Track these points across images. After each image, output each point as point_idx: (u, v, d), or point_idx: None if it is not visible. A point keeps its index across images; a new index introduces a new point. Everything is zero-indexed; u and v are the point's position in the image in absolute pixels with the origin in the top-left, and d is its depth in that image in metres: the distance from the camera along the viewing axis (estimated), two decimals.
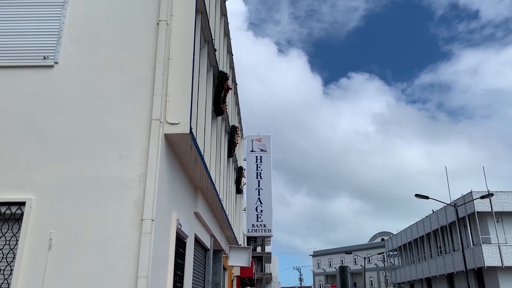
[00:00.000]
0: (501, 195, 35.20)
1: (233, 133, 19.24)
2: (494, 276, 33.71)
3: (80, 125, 7.46)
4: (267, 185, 53.03)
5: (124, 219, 6.85)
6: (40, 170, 7.14)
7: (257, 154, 53.64)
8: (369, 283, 79.02)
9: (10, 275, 6.55)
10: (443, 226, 41.25)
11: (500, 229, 34.63)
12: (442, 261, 41.36)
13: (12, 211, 6.90)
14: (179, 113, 7.65)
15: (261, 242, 59.97)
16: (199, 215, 11.29)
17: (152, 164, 7.15)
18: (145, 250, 6.62)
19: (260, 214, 51.86)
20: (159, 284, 7.39)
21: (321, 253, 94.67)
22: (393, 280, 58.51)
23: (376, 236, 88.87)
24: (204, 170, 9.74)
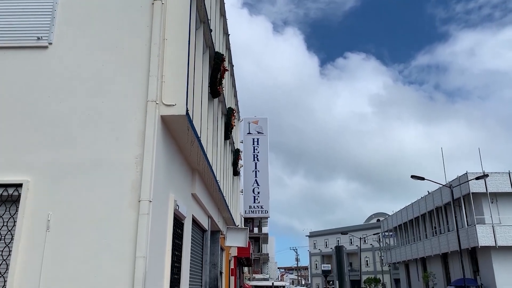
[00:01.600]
0: (496, 176, 35.48)
1: (230, 115, 19.19)
2: (488, 255, 34.25)
3: (76, 106, 7.42)
4: (264, 167, 53.22)
5: (122, 201, 6.87)
6: (37, 152, 7.12)
7: (254, 136, 53.66)
8: (365, 263, 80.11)
9: (9, 256, 6.60)
10: (438, 207, 41.67)
11: (494, 210, 35.02)
12: (437, 241, 41.92)
13: (9, 193, 6.90)
14: (175, 95, 7.60)
15: (258, 223, 60.54)
16: (197, 197, 11.35)
17: (148, 145, 7.14)
18: (142, 231, 6.67)
19: (257, 196, 52.20)
20: (157, 264, 7.47)
21: (317, 234, 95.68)
22: (388, 260, 59.36)
23: (372, 217, 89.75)
24: (201, 152, 9.74)
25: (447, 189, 36.07)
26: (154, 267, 7.14)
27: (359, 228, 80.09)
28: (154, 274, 7.13)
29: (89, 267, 6.55)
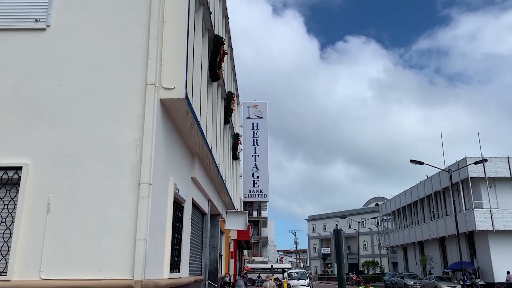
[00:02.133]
0: (495, 161, 35.53)
1: (230, 99, 19.11)
2: (485, 239, 34.54)
3: (75, 89, 7.38)
4: (263, 151, 53.28)
5: (122, 184, 6.90)
6: (36, 135, 7.11)
7: (254, 120, 53.58)
8: (363, 246, 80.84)
9: (10, 238, 6.65)
10: (436, 192, 41.84)
11: (492, 194, 35.18)
12: (435, 225, 42.21)
13: (9, 176, 6.92)
14: (174, 78, 7.56)
15: (257, 207, 60.92)
16: (196, 180, 11.39)
17: (148, 129, 7.13)
18: (143, 214, 6.71)
19: (257, 180, 52.40)
20: (158, 246, 7.53)
21: (316, 218, 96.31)
22: (386, 243, 59.87)
23: (370, 201, 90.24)
24: (201, 136, 9.74)
25: (446, 174, 36.21)
26: (154, 249, 7.20)
27: (357, 212, 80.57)
28: (154, 256, 7.20)
29: (90, 250, 6.60)
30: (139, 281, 6.37)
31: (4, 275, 6.48)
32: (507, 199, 35.40)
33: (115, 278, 6.45)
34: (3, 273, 6.50)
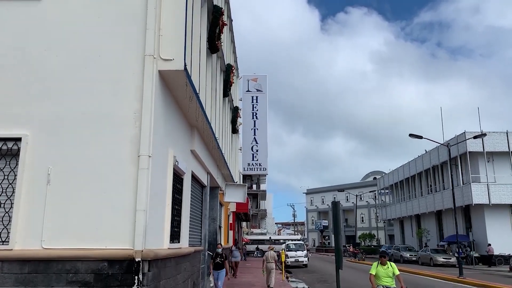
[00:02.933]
0: (494, 136, 35.63)
1: (229, 71, 18.93)
2: (481, 213, 35.02)
3: (73, 60, 7.30)
4: (262, 125, 53.24)
5: (121, 155, 6.91)
6: (35, 107, 7.08)
7: (253, 94, 53.30)
8: (360, 219, 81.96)
9: (11, 208, 6.71)
10: (434, 166, 42.12)
11: (490, 169, 35.45)
12: (432, 199, 42.69)
13: (8, 147, 6.93)
14: (173, 49, 7.46)
15: (256, 181, 61.38)
16: (196, 153, 11.41)
17: (147, 100, 7.09)
18: (142, 185, 6.75)
19: (256, 154, 52.57)
20: (158, 217, 7.62)
21: (315, 191, 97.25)
22: (383, 216, 60.71)
23: (368, 175, 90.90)
24: (200, 108, 9.69)
25: (445, 148, 36.34)
26: (154, 220, 7.28)
27: (355, 186, 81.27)
28: (154, 227, 7.29)
29: (91, 220, 6.68)
30: (139, 251, 6.48)
31: (6, 244, 6.58)
32: (504, 174, 35.69)
33: (116, 248, 6.55)
34: (5, 242, 6.60)
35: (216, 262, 11.92)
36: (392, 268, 9.11)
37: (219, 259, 12.04)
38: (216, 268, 11.96)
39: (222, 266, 12.06)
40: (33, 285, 6.38)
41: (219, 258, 12.06)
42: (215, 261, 11.94)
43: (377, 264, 9.26)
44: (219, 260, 11.97)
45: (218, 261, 11.96)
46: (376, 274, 9.12)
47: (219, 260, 11.97)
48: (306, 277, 23.95)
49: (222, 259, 12.03)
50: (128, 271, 6.48)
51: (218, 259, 12.04)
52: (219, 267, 11.95)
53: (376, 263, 9.31)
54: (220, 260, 11.99)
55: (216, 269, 11.91)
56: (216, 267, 11.97)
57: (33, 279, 6.40)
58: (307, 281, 21.41)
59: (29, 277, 6.41)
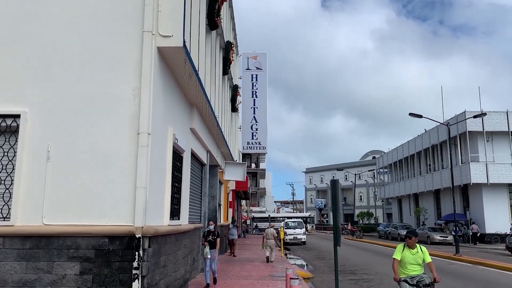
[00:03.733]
0: (494, 115, 35.54)
1: (228, 49, 18.73)
2: (479, 192, 35.24)
3: (71, 36, 7.20)
4: (262, 103, 53.02)
5: (121, 133, 6.90)
6: (33, 84, 7.03)
7: (253, 72, 52.88)
8: (359, 198, 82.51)
9: (11, 185, 6.74)
10: (434, 145, 42.14)
11: (489, 148, 35.49)
12: (430, 178, 42.88)
13: (7, 124, 6.91)
14: (172, 25, 7.36)
15: (256, 159, 61.56)
16: (195, 131, 11.40)
17: (146, 78, 7.04)
18: (142, 163, 6.76)
19: (255, 132, 52.53)
20: (158, 194, 7.66)
21: (314, 170, 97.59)
22: (381, 195, 61.11)
23: (367, 154, 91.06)
24: (199, 86, 9.63)
25: (444, 127, 36.31)
26: (154, 197, 7.33)
27: (354, 165, 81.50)
28: (154, 204, 7.34)
29: (91, 197, 6.72)
30: (140, 227, 6.54)
31: (7, 220, 6.63)
32: (503, 153, 35.77)
33: (117, 224, 6.61)
34: (6, 219, 6.65)
35: (208, 241, 10.72)
36: (422, 253, 6.95)
37: (211, 237, 10.79)
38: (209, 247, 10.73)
39: (214, 245, 10.80)
40: (34, 260, 6.46)
41: (211, 236, 10.81)
42: (207, 239, 10.75)
43: (403, 247, 7.02)
44: (211, 238, 10.75)
45: (210, 239, 10.74)
46: (401, 260, 6.93)
47: (211, 238, 10.75)
48: (304, 254, 24.29)
49: (214, 237, 10.78)
50: (128, 247, 6.56)
51: (210, 237, 10.79)
52: (211, 246, 10.73)
53: (402, 246, 7.06)
54: (212, 238, 10.76)
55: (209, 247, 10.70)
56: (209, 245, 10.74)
57: (34, 255, 6.48)
58: (305, 258, 21.72)
59: (30, 253, 6.48)
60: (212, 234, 10.83)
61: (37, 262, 6.46)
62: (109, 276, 6.50)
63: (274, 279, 12.32)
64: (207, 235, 10.87)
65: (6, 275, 6.41)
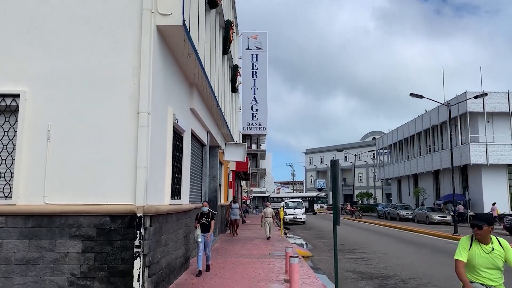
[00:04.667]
0: (495, 96, 35.40)
1: (228, 28, 18.53)
2: (478, 172, 35.38)
3: (69, 14, 7.11)
4: (262, 84, 52.72)
5: (121, 112, 6.89)
6: (32, 63, 6.97)
7: (253, 52, 52.41)
8: (358, 178, 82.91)
9: (12, 164, 6.76)
10: (434, 126, 42.09)
11: (489, 129, 35.47)
12: (430, 158, 42.98)
13: (7, 103, 6.88)
14: (171, 3, 7.26)
15: (256, 140, 61.57)
16: (195, 111, 11.37)
17: (145, 57, 6.98)
18: (142, 142, 6.77)
19: (256, 113, 52.39)
20: (158, 174, 7.69)
21: (313, 151, 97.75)
22: (381, 176, 61.37)
23: (367, 135, 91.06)
24: (199, 65, 9.56)
25: (445, 108, 36.19)
26: (155, 177, 7.36)
27: (354, 146, 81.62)
28: (155, 183, 7.37)
29: (92, 176, 6.75)
30: (141, 206, 6.59)
31: (9, 199, 6.67)
32: (503, 134, 35.77)
33: (118, 203, 6.66)
34: (8, 198, 6.70)
35: (201, 223, 9.80)
36: (504, 250, 4.51)
37: (204, 219, 9.85)
38: (201, 229, 9.77)
39: (208, 228, 9.88)
40: (37, 238, 6.54)
41: (205, 218, 9.87)
42: (201, 222, 9.81)
43: (470, 241, 4.75)
44: (205, 221, 9.84)
45: (204, 221, 9.83)
46: (469, 262, 4.58)
47: (205, 221, 9.84)
48: (304, 233, 24.54)
49: (208, 220, 9.88)
50: (130, 226, 6.62)
51: (204, 219, 9.85)
52: (205, 229, 9.82)
53: (467, 239, 4.78)
54: (206, 220, 9.85)
55: (202, 231, 9.77)
56: (201, 228, 9.78)
57: (37, 233, 6.55)
58: (305, 237, 21.96)
59: (33, 231, 6.55)
60: (206, 216, 9.91)
61: (39, 241, 6.54)
62: (111, 254, 6.59)
63: (274, 257, 12.48)
64: (200, 217, 9.92)
65: (9, 253, 6.49)
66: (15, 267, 6.46)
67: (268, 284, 8.59)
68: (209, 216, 9.93)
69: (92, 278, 6.53)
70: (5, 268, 6.45)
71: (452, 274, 9.59)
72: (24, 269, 6.47)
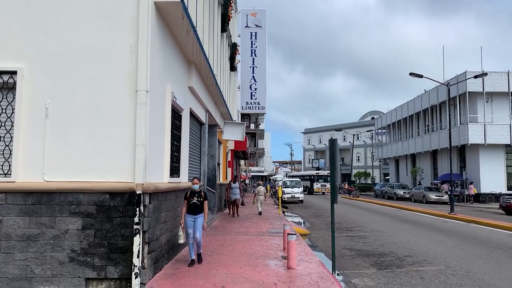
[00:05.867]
0: (495, 75, 35.25)
1: (227, 5, 18.28)
2: (476, 152, 35.53)
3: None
4: (261, 62, 52.29)
5: (119, 90, 6.85)
6: (29, 40, 6.89)
7: (252, 30, 51.80)
8: (356, 158, 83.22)
9: (11, 142, 6.76)
10: (433, 106, 42.02)
11: (488, 109, 35.44)
12: (428, 138, 43.06)
13: (4, 80, 6.83)
14: None
15: (255, 120, 61.49)
16: (194, 90, 11.31)
17: (143, 34, 6.90)
18: (141, 120, 6.75)
19: (254, 92, 52.13)
20: (157, 152, 7.70)
21: (312, 131, 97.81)
22: (379, 155, 61.58)
23: (366, 115, 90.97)
24: (197, 43, 9.46)
25: (444, 88, 36.06)
26: (154, 155, 7.37)
27: (353, 126, 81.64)
28: (154, 161, 7.39)
29: (91, 154, 6.76)
30: (140, 184, 6.62)
31: (8, 176, 6.70)
32: (502, 114, 35.78)
33: (117, 181, 6.69)
34: (8, 175, 6.72)
35: (191, 204, 8.15)
36: None
37: (196, 199, 8.19)
38: (191, 211, 8.14)
39: (199, 210, 8.21)
40: (37, 215, 6.59)
41: (196, 198, 8.21)
42: (190, 202, 8.16)
43: None
44: (196, 201, 8.17)
45: (195, 201, 8.17)
46: None
47: (196, 201, 8.17)
48: (302, 212, 24.78)
49: (200, 199, 8.23)
50: (129, 203, 6.67)
51: (195, 199, 8.19)
52: (196, 211, 8.15)
53: None
54: (197, 200, 8.19)
55: (191, 213, 8.12)
56: (190, 210, 8.14)
57: (37, 210, 6.60)
58: (303, 216, 22.18)
59: (33, 208, 6.60)
60: (197, 195, 8.27)
61: (39, 218, 6.59)
62: (110, 231, 6.66)
63: (272, 235, 12.63)
64: (190, 196, 8.24)
65: (10, 229, 6.55)
66: (16, 243, 6.54)
67: (266, 261, 8.72)
68: (201, 195, 8.31)
69: (92, 254, 6.62)
70: (6, 244, 6.53)
71: (447, 251, 9.73)
72: (24, 245, 6.54)
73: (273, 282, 6.96)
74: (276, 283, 6.94)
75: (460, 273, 8.43)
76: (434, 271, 8.61)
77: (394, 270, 8.75)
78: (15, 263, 6.51)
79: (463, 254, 10.56)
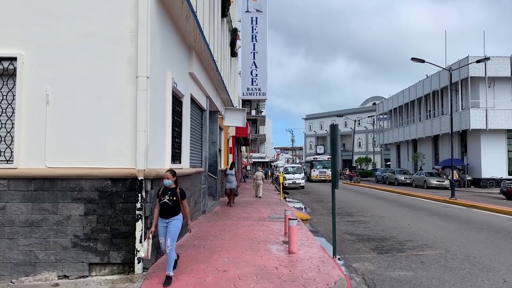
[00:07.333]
0: (497, 60, 34.97)
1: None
2: (477, 138, 35.47)
3: None
4: (262, 48, 51.95)
5: (119, 76, 6.83)
6: (29, 26, 6.85)
7: (253, 15, 51.31)
8: (357, 144, 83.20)
9: (12, 128, 6.77)
10: (435, 91, 41.80)
11: (490, 94, 35.26)
12: (430, 124, 42.96)
13: (4, 66, 6.81)
14: None
15: (256, 106, 61.35)
16: (194, 76, 11.26)
17: (143, 19, 6.85)
18: (142, 106, 6.75)
19: (255, 78, 51.90)
20: (159, 138, 7.71)
21: (313, 117, 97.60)
22: (380, 141, 61.54)
23: (368, 101, 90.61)
24: (197, 28, 9.39)
25: (446, 73, 35.84)
26: (155, 141, 7.38)
27: (354, 112, 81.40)
28: (155, 147, 7.40)
29: (92, 140, 6.77)
30: (142, 170, 6.64)
31: (10, 163, 6.73)
32: (504, 99, 35.62)
33: (119, 167, 6.72)
34: (10, 161, 6.75)
35: (161, 204, 6.18)
36: None
37: (167, 197, 6.16)
38: (162, 214, 6.18)
39: (173, 212, 6.17)
40: (40, 201, 6.63)
41: (168, 196, 6.17)
42: (161, 201, 6.18)
43: None
44: (168, 200, 6.14)
45: (166, 201, 6.14)
46: None
47: (168, 200, 6.14)
48: (303, 197, 24.88)
49: (172, 198, 6.18)
50: (131, 189, 6.71)
51: (166, 198, 6.17)
52: (167, 213, 6.15)
53: None
54: (169, 200, 6.15)
55: (163, 216, 6.17)
56: (162, 212, 6.18)
57: (39, 196, 6.64)
58: (304, 201, 22.28)
59: (35, 194, 6.64)
60: (170, 193, 6.22)
61: (42, 203, 6.64)
62: (113, 217, 6.71)
63: (273, 220, 12.70)
64: (161, 195, 6.24)
65: (13, 215, 6.60)
66: (19, 229, 6.60)
67: (267, 246, 8.79)
68: (175, 194, 6.24)
69: (95, 240, 6.68)
70: (9, 230, 6.59)
71: (448, 236, 9.79)
72: (28, 231, 6.60)
73: (275, 266, 7.03)
74: (277, 267, 7.00)
75: (460, 257, 8.50)
76: (434, 255, 8.67)
77: (394, 255, 8.82)
78: (19, 248, 6.58)
79: (463, 238, 10.62)
